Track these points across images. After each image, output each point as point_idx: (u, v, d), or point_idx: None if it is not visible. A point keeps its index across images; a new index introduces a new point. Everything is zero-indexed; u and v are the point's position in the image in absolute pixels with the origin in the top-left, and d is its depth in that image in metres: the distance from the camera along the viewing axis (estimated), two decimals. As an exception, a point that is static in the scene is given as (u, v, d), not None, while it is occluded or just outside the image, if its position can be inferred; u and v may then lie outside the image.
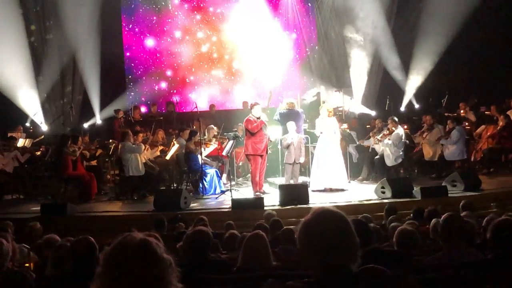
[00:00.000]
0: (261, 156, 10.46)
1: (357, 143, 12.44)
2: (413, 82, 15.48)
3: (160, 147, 12.05)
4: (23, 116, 14.60)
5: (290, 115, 11.22)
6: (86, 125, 15.10)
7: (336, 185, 10.65)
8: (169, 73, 16.90)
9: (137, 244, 1.79)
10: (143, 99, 16.72)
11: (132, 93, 16.73)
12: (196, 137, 11.24)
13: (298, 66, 17.15)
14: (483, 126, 12.60)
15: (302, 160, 10.88)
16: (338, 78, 16.59)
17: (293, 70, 17.03)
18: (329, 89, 16.26)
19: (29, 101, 14.75)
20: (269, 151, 10.76)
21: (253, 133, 10.40)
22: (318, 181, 10.67)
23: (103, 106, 15.49)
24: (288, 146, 10.65)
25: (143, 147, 11.12)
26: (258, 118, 10.41)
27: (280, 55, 16.61)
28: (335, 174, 10.64)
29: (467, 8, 13.81)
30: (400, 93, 15.57)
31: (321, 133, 10.71)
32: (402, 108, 15.50)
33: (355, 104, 15.86)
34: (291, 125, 10.76)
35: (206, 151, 11.52)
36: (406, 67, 15.54)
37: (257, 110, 10.52)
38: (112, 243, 1.83)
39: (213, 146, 11.84)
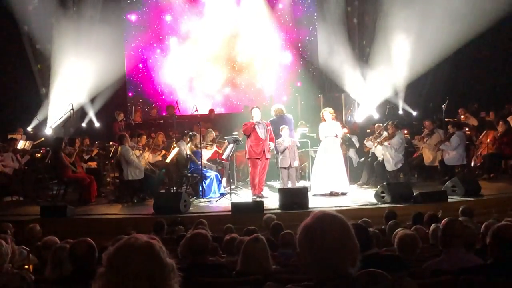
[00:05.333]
0: (259, 159, 10.45)
1: (357, 147, 12.42)
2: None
3: (163, 152, 11.93)
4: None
5: (281, 121, 11.18)
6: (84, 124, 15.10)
7: (338, 189, 10.61)
8: (169, 75, 16.91)
9: (141, 246, 1.79)
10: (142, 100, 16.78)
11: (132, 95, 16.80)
12: (197, 139, 11.23)
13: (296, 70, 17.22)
14: (484, 132, 12.59)
15: (296, 164, 10.84)
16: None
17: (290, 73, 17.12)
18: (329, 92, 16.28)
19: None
20: (268, 156, 10.70)
21: (247, 136, 10.43)
22: (322, 185, 10.57)
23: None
24: (283, 151, 10.63)
25: (142, 164, 11.01)
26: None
27: (280, 58, 16.69)
28: (338, 178, 10.60)
29: (469, 16, 13.78)
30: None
31: (326, 137, 10.62)
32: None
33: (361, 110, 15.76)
34: (285, 129, 10.71)
35: (205, 154, 11.48)
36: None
37: (254, 113, 10.51)
38: (117, 244, 1.83)
39: (211, 151, 11.80)
